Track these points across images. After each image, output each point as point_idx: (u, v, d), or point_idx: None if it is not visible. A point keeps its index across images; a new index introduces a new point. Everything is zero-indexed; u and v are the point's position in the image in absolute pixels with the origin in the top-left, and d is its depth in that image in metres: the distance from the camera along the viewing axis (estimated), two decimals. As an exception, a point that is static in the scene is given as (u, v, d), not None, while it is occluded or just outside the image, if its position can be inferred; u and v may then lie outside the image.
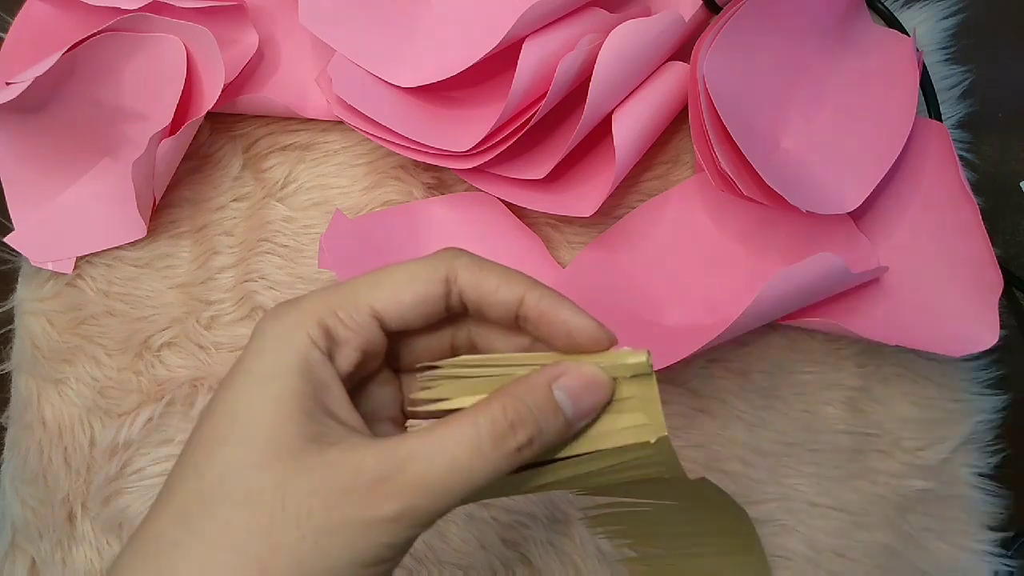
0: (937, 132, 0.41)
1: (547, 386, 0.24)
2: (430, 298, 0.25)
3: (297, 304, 0.25)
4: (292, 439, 0.23)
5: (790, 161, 0.40)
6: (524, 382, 0.25)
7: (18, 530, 0.43)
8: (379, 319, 0.25)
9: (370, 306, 0.25)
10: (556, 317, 0.25)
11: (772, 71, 0.40)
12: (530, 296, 0.25)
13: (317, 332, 0.24)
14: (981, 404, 0.43)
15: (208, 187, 0.45)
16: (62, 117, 0.42)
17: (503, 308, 0.26)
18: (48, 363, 0.44)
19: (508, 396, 0.24)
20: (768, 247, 0.42)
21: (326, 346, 0.25)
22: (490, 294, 0.25)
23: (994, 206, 0.43)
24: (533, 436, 0.24)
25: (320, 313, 0.25)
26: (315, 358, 0.24)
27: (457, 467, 0.23)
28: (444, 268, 0.26)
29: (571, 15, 0.39)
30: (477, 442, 0.23)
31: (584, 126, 0.38)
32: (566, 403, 0.24)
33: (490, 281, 0.25)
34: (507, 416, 0.24)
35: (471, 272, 0.26)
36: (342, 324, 0.25)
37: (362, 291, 0.25)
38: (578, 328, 0.25)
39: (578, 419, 0.25)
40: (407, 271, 0.26)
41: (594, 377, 0.25)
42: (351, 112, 0.41)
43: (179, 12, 0.41)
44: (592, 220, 0.43)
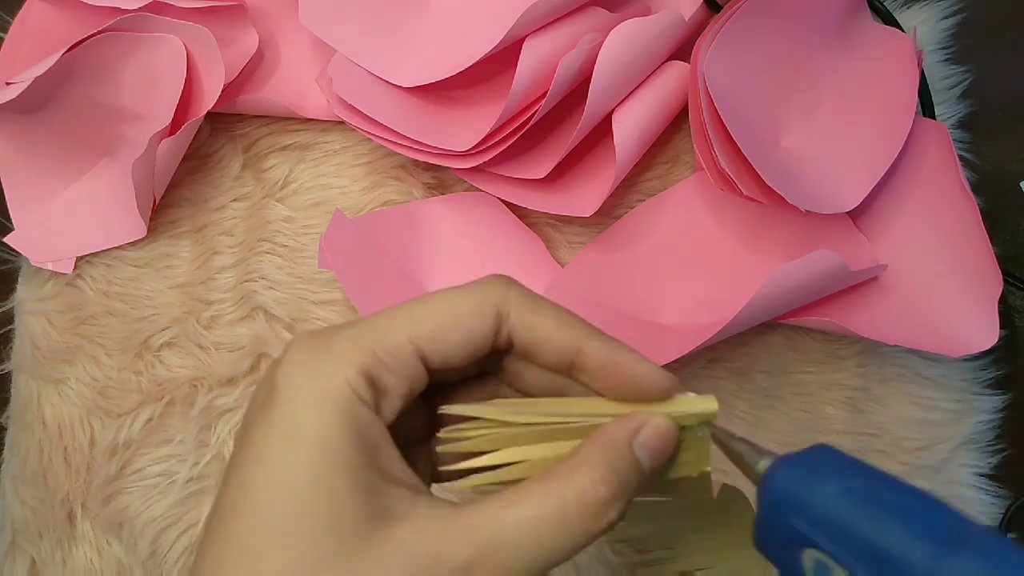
0: (937, 132, 0.41)
1: (629, 444, 0.22)
2: (478, 336, 0.22)
3: (329, 344, 0.21)
4: (357, 523, 0.19)
5: (790, 160, 0.40)
6: (604, 442, 0.22)
7: (18, 530, 0.43)
8: (423, 358, 0.22)
9: (413, 343, 0.22)
10: (624, 366, 0.22)
11: (772, 70, 0.40)
12: (590, 345, 0.23)
13: (360, 381, 0.21)
14: (981, 404, 0.43)
15: (208, 187, 0.45)
16: (62, 117, 0.42)
17: (557, 354, 0.23)
18: (48, 363, 0.44)
19: (595, 464, 0.21)
20: (767, 246, 0.42)
21: (371, 397, 0.21)
22: (544, 338, 0.23)
23: (994, 206, 0.43)
24: (623, 507, 0.21)
25: (360, 356, 0.21)
26: (363, 414, 0.20)
27: (544, 547, 0.20)
28: (495, 303, 0.22)
29: (571, 15, 0.39)
30: (564, 523, 0.20)
31: (584, 126, 0.38)
32: (645, 459, 0.22)
33: (545, 324, 0.23)
34: (598, 492, 0.21)
35: (524, 311, 0.23)
36: (385, 367, 0.21)
37: (403, 326, 0.22)
38: (647, 378, 0.23)
39: (652, 475, 0.23)
40: (452, 302, 0.22)
41: (670, 430, 0.22)
42: (351, 112, 0.41)
43: (179, 12, 0.41)
44: (592, 220, 0.43)
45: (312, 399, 0.20)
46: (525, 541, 0.20)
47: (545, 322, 0.23)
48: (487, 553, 0.20)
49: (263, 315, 0.44)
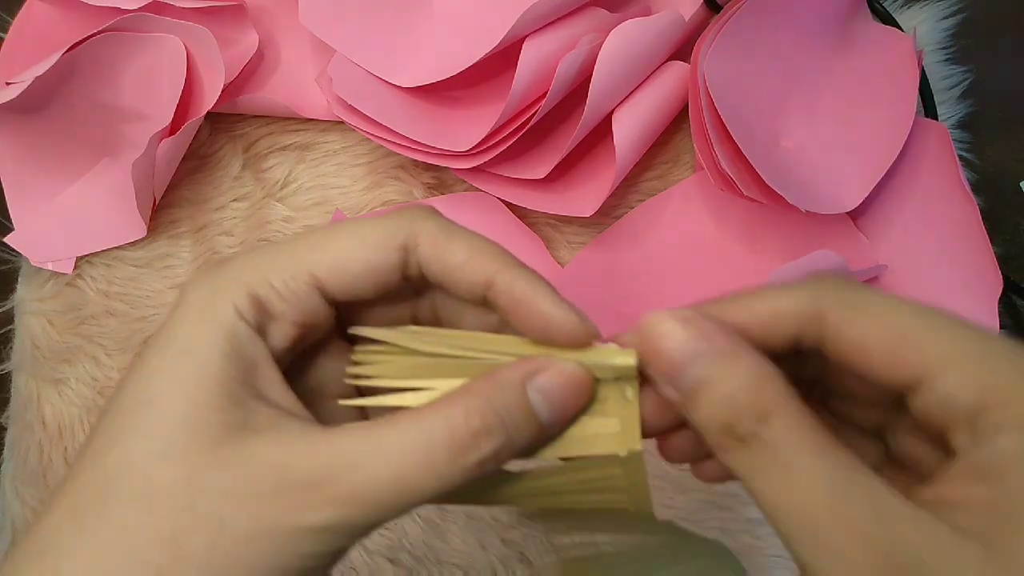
0: (937, 132, 0.41)
1: (521, 385, 0.20)
2: (383, 267, 0.22)
3: (223, 269, 0.21)
4: (210, 426, 0.19)
5: (790, 160, 0.40)
6: (493, 378, 0.20)
7: (18, 530, 0.43)
8: (321, 289, 0.22)
9: (310, 273, 0.21)
10: (531, 306, 0.21)
11: (773, 70, 0.40)
12: (501, 278, 0.21)
13: (245, 303, 0.21)
14: (981, 404, 0.42)
15: (208, 187, 0.45)
16: (62, 117, 0.42)
17: (468, 287, 0.22)
18: (48, 363, 0.44)
19: (473, 396, 0.20)
20: (767, 246, 0.42)
21: (256, 319, 0.21)
22: (455, 270, 0.22)
23: (994, 206, 0.43)
24: (500, 448, 0.20)
25: (250, 281, 0.21)
26: (241, 332, 0.21)
27: (401, 480, 0.19)
28: (402, 234, 0.22)
29: (571, 15, 0.39)
30: (429, 453, 0.19)
31: (584, 126, 0.38)
32: (541, 406, 0.20)
33: (455, 255, 0.22)
34: (470, 423, 0.20)
35: (434, 241, 0.22)
36: (276, 294, 0.21)
37: (301, 256, 0.22)
38: (557, 321, 0.21)
39: (552, 425, 0.21)
40: (356, 234, 0.22)
41: (576, 376, 0.21)
42: (351, 112, 0.41)
43: (179, 12, 0.41)
44: (592, 220, 0.43)
45: (195, 313, 0.21)
46: (381, 467, 0.19)
47: (456, 252, 0.22)
48: (341, 472, 0.19)
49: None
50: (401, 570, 0.42)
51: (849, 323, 0.20)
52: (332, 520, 0.19)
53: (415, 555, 0.42)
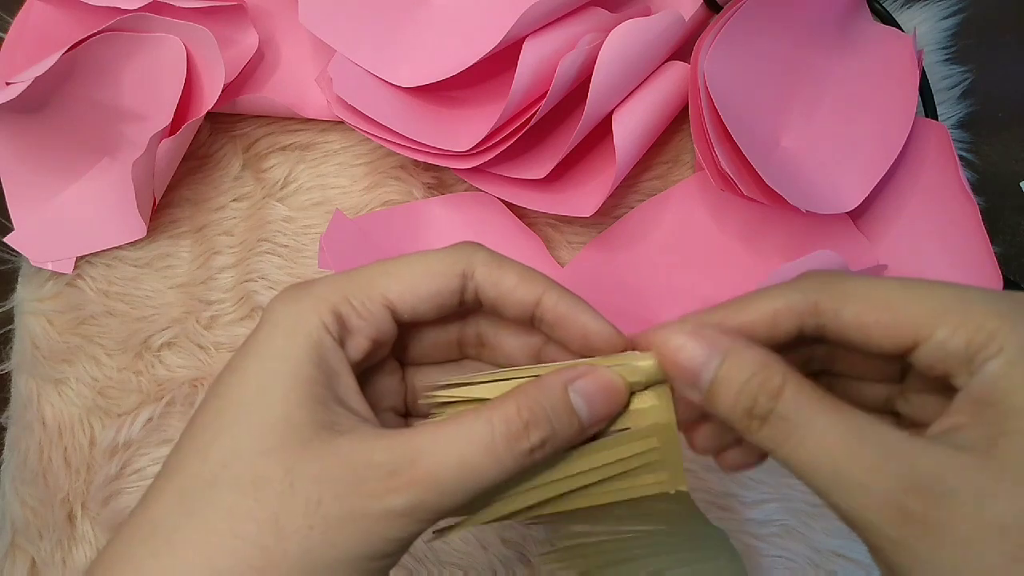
0: (937, 132, 0.41)
1: (563, 387, 0.24)
2: (445, 292, 0.25)
3: (310, 288, 0.25)
4: (302, 426, 0.22)
5: (790, 160, 0.40)
6: (539, 383, 0.24)
7: (18, 530, 0.43)
8: (392, 309, 0.25)
9: (384, 296, 0.25)
10: (574, 319, 0.25)
11: (773, 70, 0.40)
12: (548, 297, 0.25)
13: (330, 318, 0.24)
14: (981, 404, 0.42)
15: (208, 187, 0.45)
16: (62, 117, 0.42)
17: (520, 307, 0.25)
18: (48, 363, 0.44)
19: (523, 396, 0.23)
20: (767, 246, 0.42)
21: (338, 333, 0.24)
22: (508, 293, 0.25)
23: (994, 206, 0.43)
24: (546, 438, 0.23)
25: (333, 300, 0.24)
26: (327, 344, 0.24)
27: (468, 464, 0.22)
28: (462, 262, 0.25)
29: (571, 15, 0.39)
30: (490, 440, 0.23)
31: (584, 126, 0.38)
32: (581, 406, 0.24)
33: (508, 279, 0.25)
34: (521, 416, 0.23)
35: (490, 269, 0.25)
36: (355, 312, 0.24)
37: (377, 280, 0.25)
38: (595, 332, 0.25)
39: (592, 424, 0.24)
40: (424, 263, 0.25)
41: (611, 382, 0.24)
42: (351, 112, 0.41)
43: (179, 12, 0.41)
44: (592, 220, 0.43)
45: (286, 326, 0.24)
46: (452, 452, 0.22)
47: (509, 277, 0.25)
48: (413, 460, 0.22)
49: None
50: (402, 570, 0.42)
51: (844, 307, 0.23)
52: (411, 502, 0.22)
53: (415, 555, 0.42)
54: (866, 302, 0.23)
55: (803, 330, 0.24)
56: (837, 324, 0.23)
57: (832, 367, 0.27)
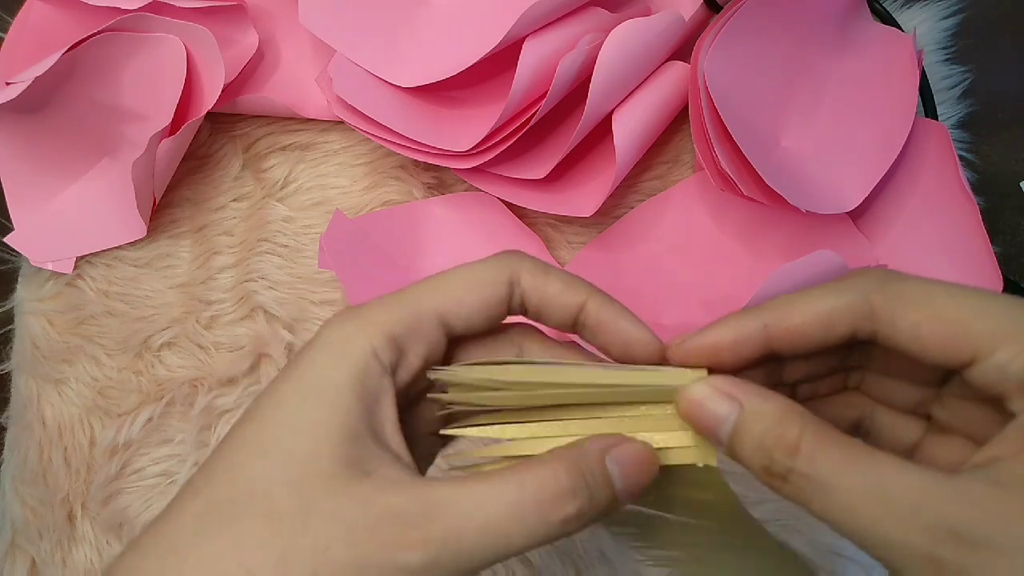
0: (937, 132, 0.41)
1: (601, 454, 0.23)
2: (494, 301, 0.25)
3: (361, 311, 0.24)
4: (331, 462, 0.22)
5: (790, 160, 0.40)
6: (577, 447, 0.23)
7: (18, 530, 0.43)
8: (444, 324, 0.25)
9: (435, 310, 0.24)
10: (616, 326, 0.25)
11: (772, 70, 0.40)
12: (591, 303, 0.25)
13: (381, 341, 0.23)
14: (981, 404, 0.43)
15: (208, 187, 0.45)
16: (62, 117, 0.42)
17: (564, 313, 0.25)
18: (48, 363, 0.44)
19: (560, 459, 0.22)
20: (767, 246, 0.42)
21: (389, 358, 0.23)
22: (553, 298, 0.25)
23: (994, 206, 0.43)
24: (584, 508, 0.22)
25: (386, 320, 0.24)
26: (372, 372, 0.23)
27: (492, 527, 0.21)
28: (508, 272, 0.25)
29: (571, 15, 0.39)
30: (519, 504, 0.21)
31: (584, 126, 0.38)
32: (616, 476, 0.23)
33: (553, 286, 0.25)
34: (559, 481, 0.22)
35: (535, 276, 0.25)
36: (408, 330, 0.24)
37: (426, 296, 0.24)
38: (636, 340, 0.25)
39: (624, 497, 0.23)
40: (472, 274, 0.25)
41: (647, 455, 0.23)
42: (351, 112, 0.41)
43: (179, 12, 0.41)
44: (592, 220, 0.43)
45: (332, 351, 0.23)
46: (476, 511, 0.21)
47: (554, 283, 0.25)
48: (433, 516, 0.21)
49: (263, 315, 0.44)
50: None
51: (903, 315, 0.22)
52: (424, 560, 0.21)
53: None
54: (926, 310, 0.22)
55: (857, 334, 0.23)
56: (892, 330, 0.23)
57: (869, 364, 0.27)
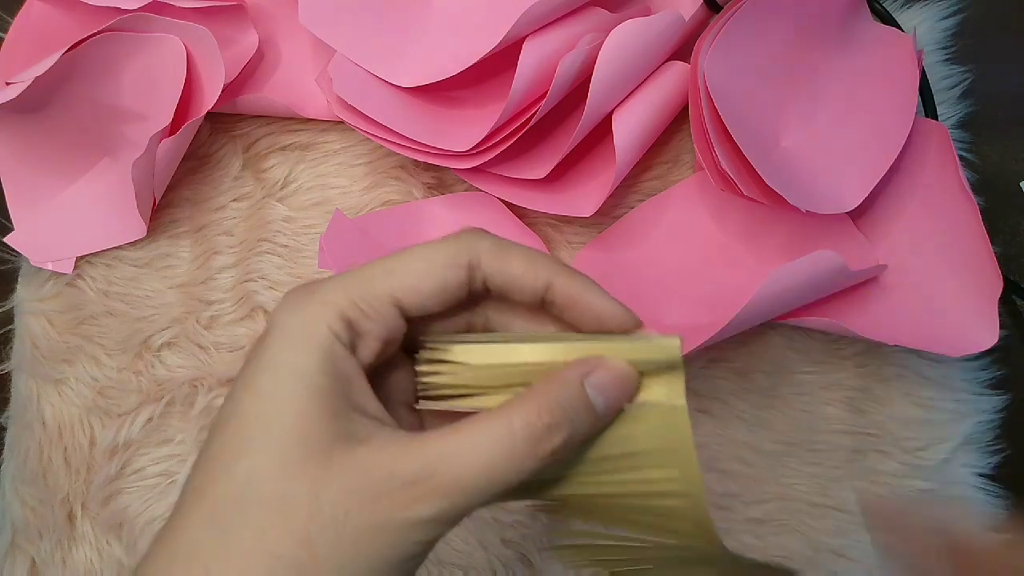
0: (937, 132, 0.41)
1: (580, 383, 0.24)
2: (453, 284, 0.25)
3: (315, 293, 0.24)
4: (322, 439, 0.22)
5: (790, 160, 0.40)
6: (556, 380, 0.24)
7: (18, 530, 0.43)
8: (400, 307, 0.25)
9: (391, 294, 0.24)
10: (585, 301, 0.25)
11: (772, 70, 0.40)
12: (558, 281, 0.25)
13: (339, 325, 0.24)
14: (981, 404, 0.43)
15: (208, 187, 0.45)
16: (62, 117, 0.42)
17: (529, 292, 0.25)
18: (48, 363, 0.44)
19: (542, 396, 0.23)
20: (768, 246, 0.42)
21: (348, 339, 0.24)
22: (516, 279, 0.25)
23: (994, 206, 0.43)
24: (568, 437, 0.23)
25: (341, 304, 0.24)
26: (338, 352, 0.23)
27: (492, 468, 0.22)
28: (466, 253, 0.25)
29: (571, 15, 0.39)
30: (511, 444, 0.23)
31: (584, 126, 0.38)
32: (597, 400, 0.24)
33: (516, 266, 0.25)
34: (543, 419, 0.23)
35: (495, 257, 0.25)
36: (364, 315, 0.24)
37: (381, 278, 0.25)
38: (607, 313, 0.25)
39: (606, 415, 0.24)
40: (428, 256, 0.25)
41: (624, 372, 0.24)
42: (351, 112, 0.41)
43: (179, 12, 0.41)
44: (592, 220, 0.43)
45: (295, 336, 0.23)
46: (474, 460, 0.22)
47: (515, 263, 0.25)
48: (436, 468, 0.22)
49: (263, 315, 0.44)
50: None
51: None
52: (437, 510, 0.22)
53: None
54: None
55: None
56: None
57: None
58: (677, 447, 0.24)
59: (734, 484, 0.43)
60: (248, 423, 0.23)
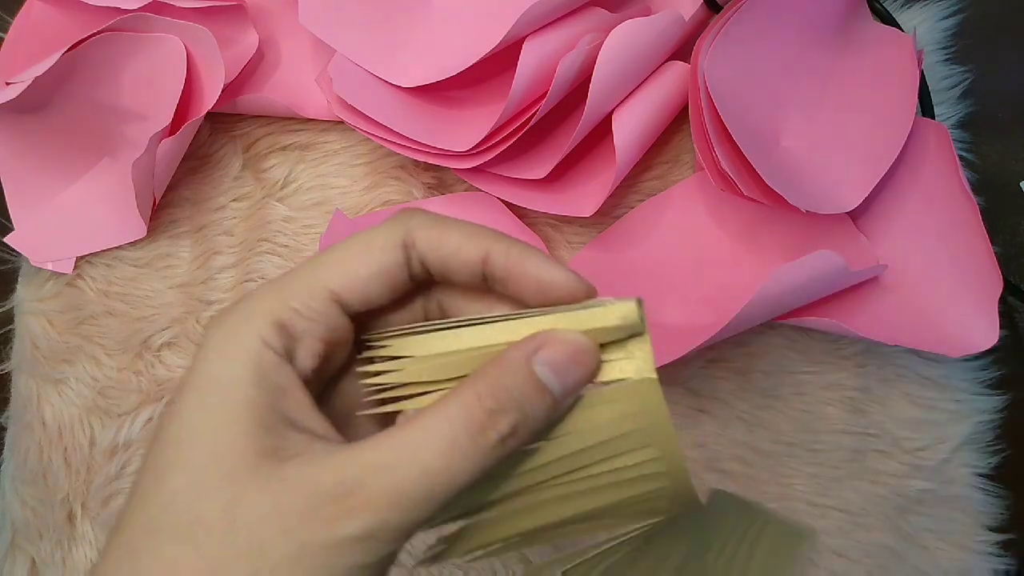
0: (937, 132, 0.41)
1: (526, 362, 0.21)
2: (390, 268, 0.23)
3: (243, 302, 0.22)
4: (245, 456, 0.20)
5: (790, 160, 0.40)
6: (499, 361, 0.21)
7: (18, 530, 0.43)
8: (339, 301, 0.22)
9: (326, 288, 0.22)
10: (525, 271, 0.22)
11: (773, 70, 0.40)
12: (495, 250, 0.22)
13: (269, 330, 0.21)
14: (981, 404, 0.43)
15: (208, 187, 0.45)
16: (62, 117, 0.42)
17: (468, 268, 0.23)
18: (48, 363, 0.44)
19: (482, 379, 0.21)
20: (768, 246, 0.42)
21: (282, 344, 0.22)
22: (452, 255, 0.23)
23: (994, 206, 0.43)
24: (517, 423, 0.21)
25: (271, 308, 0.22)
26: (268, 360, 0.21)
27: (431, 471, 0.20)
28: (400, 232, 0.23)
29: (571, 15, 0.39)
30: (451, 439, 0.20)
31: (584, 126, 0.38)
32: (551, 379, 0.21)
33: (451, 240, 0.23)
34: (483, 404, 0.20)
35: (429, 233, 0.23)
36: (298, 315, 0.22)
37: (314, 274, 0.22)
38: (551, 281, 0.22)
39: (566, 396, 0.21)
40: (359, 242, 0.23)
41: (579, 345, 0.21)
42: (351, 112, 0.41)
43: (179, 12, 0.41)
44: (592, 220, 0.43)
45: (220, 350, 0.21)
46: (411, 462, 0.20)
47: (451, 237, 0.23)
48: (365, 478, 0.20)
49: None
50: (401, 570, 0.42)
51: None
52: (369, 526, 0.20)
53: (415, 555, 0.42)
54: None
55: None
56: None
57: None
58: (653, 425, 0.21)
59: (734, 484, 0.43)
60: (168, 445, 0.21)
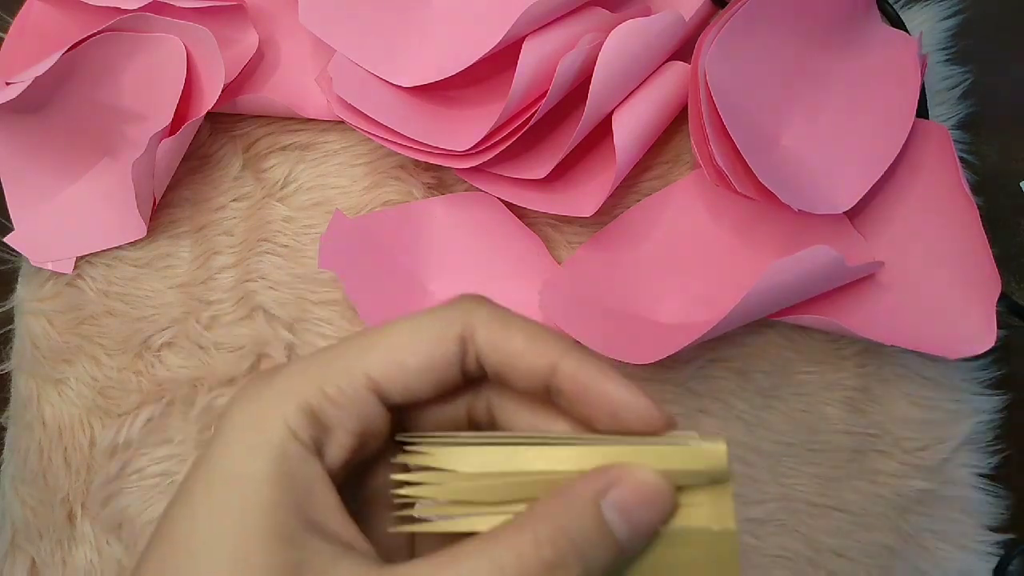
0: (937, 133, 0.41)
1: (594, 503, 0.18)
2: (441, 362, 0.20)
3: (272, 380, 0.20)
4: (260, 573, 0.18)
5: (788, 159, 0.40)
6: (563, 498, 0.19)
7: (18, 530, 0.43)
8: (378, 391, 0.20)
9: (366, 375, 0.20)
10: (600, 390, 0.20)
11: (774, 69, 0.40)
12: (565, 364, 0.20)
13: (298, 418, 0.19)
14: (981, 404, 0.43)
15: (208, 187, 0.45)
16: (62, 117, 0.42)
17: (532, 376, 0.20)
18: (48, 363, 0.44)
19: (542, 521, 0.18)
20: (764, 243, 0.42)
21: (311, 436, 0.19)
22: (515, 358, 0.20)
23: (994, 206, 0.43)
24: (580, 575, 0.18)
25: (302, 391, 0.19)
26: (294, 454, 0.19)
27: None
28: (459, 324, 0.20)
29: (571, 14, 0.39)
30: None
31: (584, 126, 0.38)
32: (618, 524, 0.18)
33: (515, 342, 0.20)
34: (541, 553, 0.18)
35: (492, 329, 0.20)
36: (331, 402, 0.20)
37: (354, 357, 0.20)
38: (628, 408, 0.20)
39: (632, 544, 0.19)
40: (412, 327, 0.20)
41: (654, 488, 0.19)
42: (351, 112, 0.41)
43: (179, 12, 0.41)
44: (592, 220, 0.43)
45: (242, 435, 0.19)
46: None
47: (515, 339, 0.20)
48: None
49: (263, 315, 0.44)
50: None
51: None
52: None
53: (415, 555, 0.42)
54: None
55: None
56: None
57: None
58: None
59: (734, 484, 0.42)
60: (176, 548, 0.18)
